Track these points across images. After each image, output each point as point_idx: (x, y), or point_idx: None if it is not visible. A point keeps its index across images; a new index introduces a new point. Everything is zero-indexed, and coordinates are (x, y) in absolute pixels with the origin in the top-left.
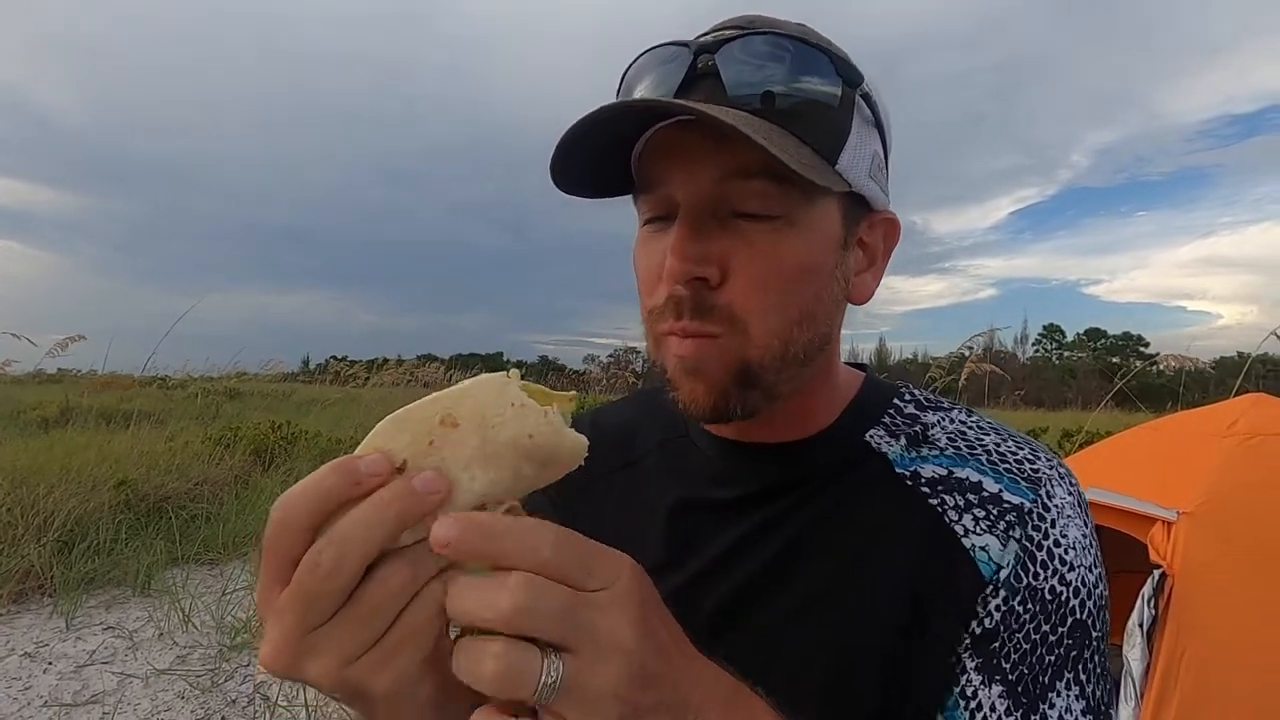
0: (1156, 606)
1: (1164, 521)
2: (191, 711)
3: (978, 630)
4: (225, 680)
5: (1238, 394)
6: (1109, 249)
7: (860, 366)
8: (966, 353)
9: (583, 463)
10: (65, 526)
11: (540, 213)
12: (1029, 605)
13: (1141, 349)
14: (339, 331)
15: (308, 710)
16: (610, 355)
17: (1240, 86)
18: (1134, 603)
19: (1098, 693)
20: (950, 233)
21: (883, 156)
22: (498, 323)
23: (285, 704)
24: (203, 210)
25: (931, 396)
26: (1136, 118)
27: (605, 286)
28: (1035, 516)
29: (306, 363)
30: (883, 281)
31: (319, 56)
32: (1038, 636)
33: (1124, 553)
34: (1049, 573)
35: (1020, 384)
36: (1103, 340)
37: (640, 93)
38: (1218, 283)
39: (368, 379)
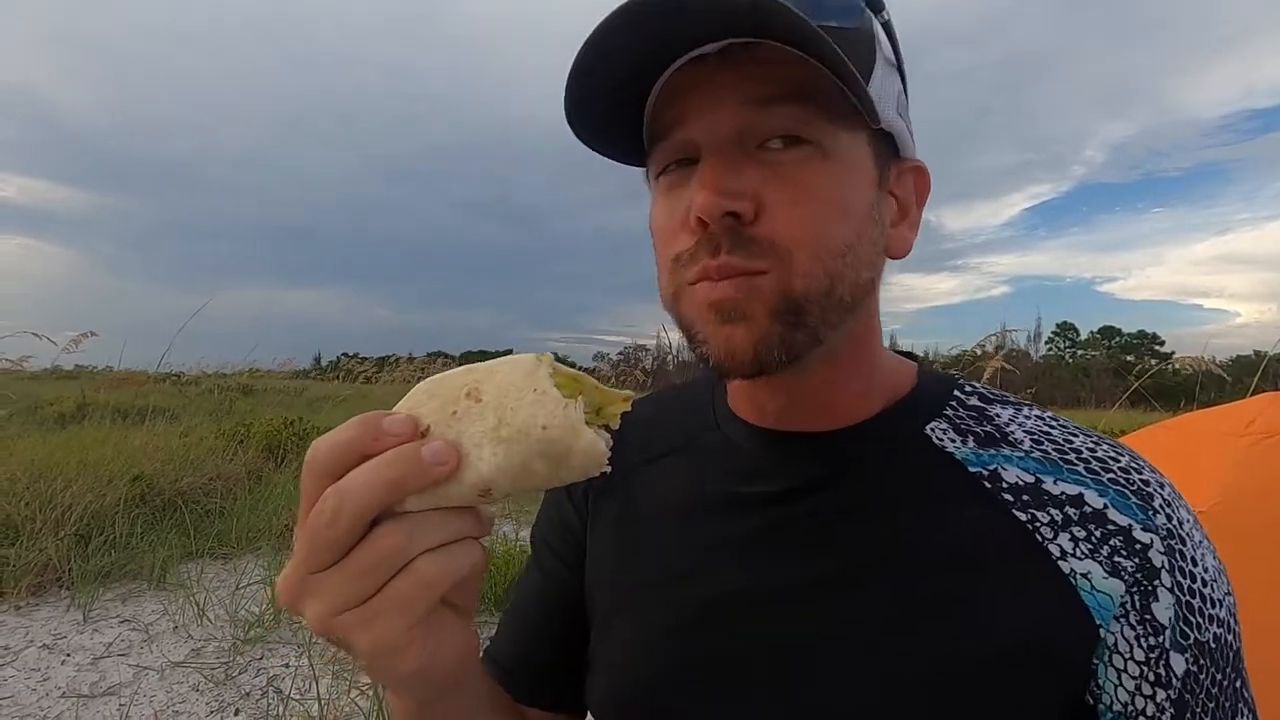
0: None
1: None
2: (206, 704)
3: (1169, 708)
4: (239, 673)
5: (1254, 393)
6: (1124, 246)
7: (910, 356)
8: (979, 352)
9: (606, 470)
10: (82, 520)
11: (550, 210)
12: (1202, 662)
13: (1157, 347)
14: (350, 328)
15: (320, 703)
16: (620, 353)
17: (1259, 80)
18: None
19: (1255, 706)
20: (963, 229)
21: (904, 98)
22: (508, 319)
23: (298, 697)
24: (215, 208)
25: (996, 390)
26: (1152, 112)
27: (615, 284)
28: (1178, 556)
29: (318, 360)
30: (896, 280)
31: (328, 57)
32: (1216, 690)
33: None
34: (1206, 619)
35: (1033, 382)
36: (1117, 339)
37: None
38: (1235, 280)
39: (378, 376)
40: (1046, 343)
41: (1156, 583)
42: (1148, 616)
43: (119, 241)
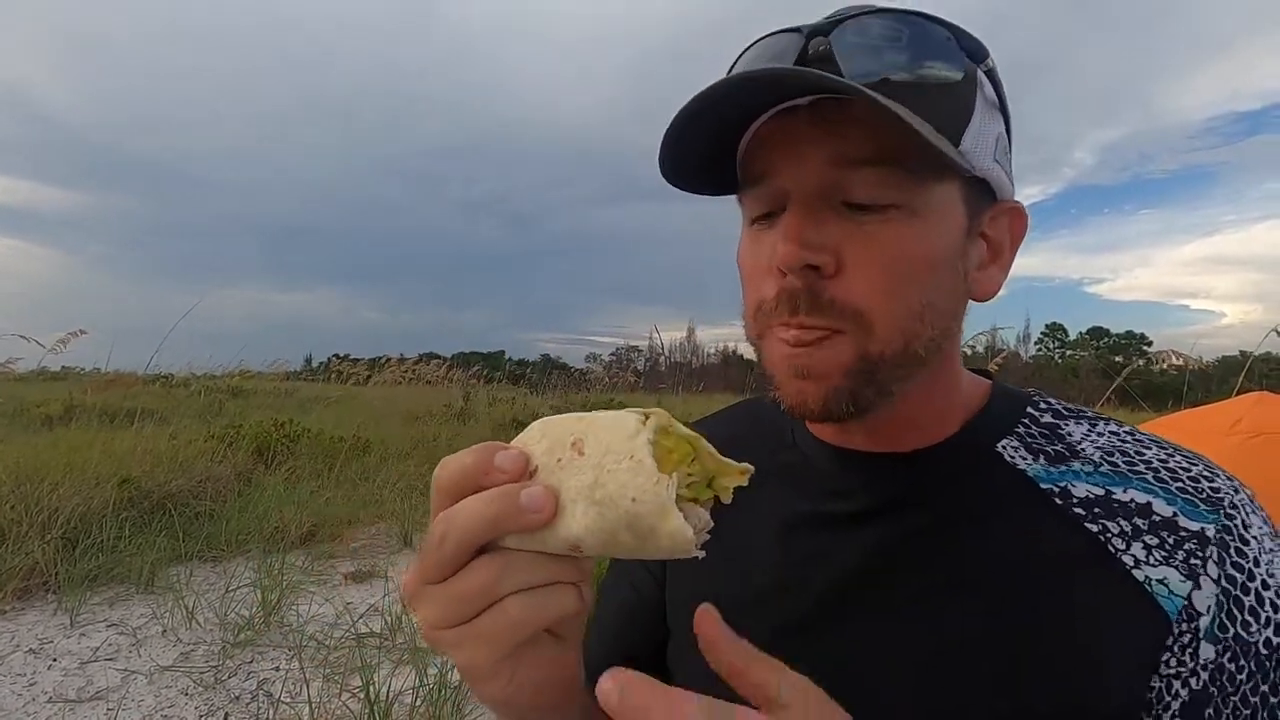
0: None
1: None
2: (195, 708)
3: (1184, 694)
4: (229, 677)
5: (1240, 392)
6: (1112, 247)
7: (985, 374)
8: (968, 353)
9: (697, 555)
10: (69, 524)
11: (542, 211)
12: (1242, 662)
13: (1144, 348)
14: (341, 329)
15: (310, 707)
16: (612, 353)
17: (1245, 83)
18: None
19: None
20: None
21: (1007, 140)
22: (500, 320)
23: (288, 700)
24: (205, 208)
25: (1072, 405)
26: (1140, 115)
27: (607, 285)
28: (1232, 550)
29: (309, 361)
30: None
31: (321, 55)
32: (1256, 699)
33: None
34: (1260, 621)
35: (1023, 383)
36: (1105, 339)
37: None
38: (1222, 281)
39: (370, 377)
40: (1036, 343)
41: (1203, 573)
42: (1191, 605)
43: (108, 242)
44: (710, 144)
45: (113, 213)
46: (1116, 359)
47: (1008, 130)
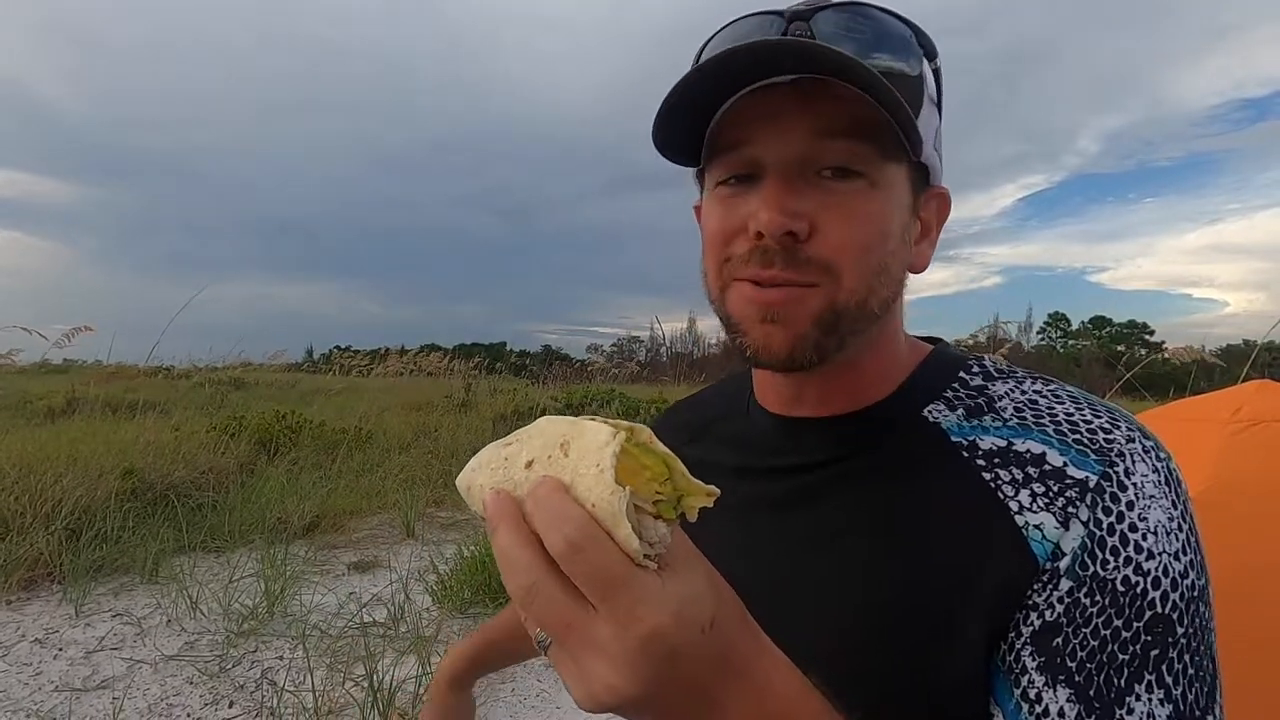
0: None
1: None
2: (200, 697)
3: (1037, 623)
4: (233, 666)
5: (1247, 380)
6: (1115, 236)
7: (934, 340)
8: (971, 343)
9: (649, 567)
10: (73, 515)
11: (542, 202)
12: (1097, 598)
13: (1147, 336)
14: (342, 321)
15: (314, 695)
16: (614, 344)
17: (1251, 70)
18: None
19: (1189, 696)
20: (955, 220)
21: (940, 134)
22: (501, 312)
23: (292, 689)
24: (204, 201)
25: (1007, 366)
26: (1145, 103)
27: (608, 276)
28: (1107, 496)
29: (310, 353)
30: None
31: (318, 46)
32: (1108, 633)
33: None
34: (1121, 560)
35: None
36: (1108, 328)
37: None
38: (1225, 270)
39: (371, 369)
40: (1038, 333)
41: (1075, 517)
42: (1059, 548)
43: (107, 234)
44: (697, 117)
45: (111, 205)
46: (1119, 348)
47: (940, 124)
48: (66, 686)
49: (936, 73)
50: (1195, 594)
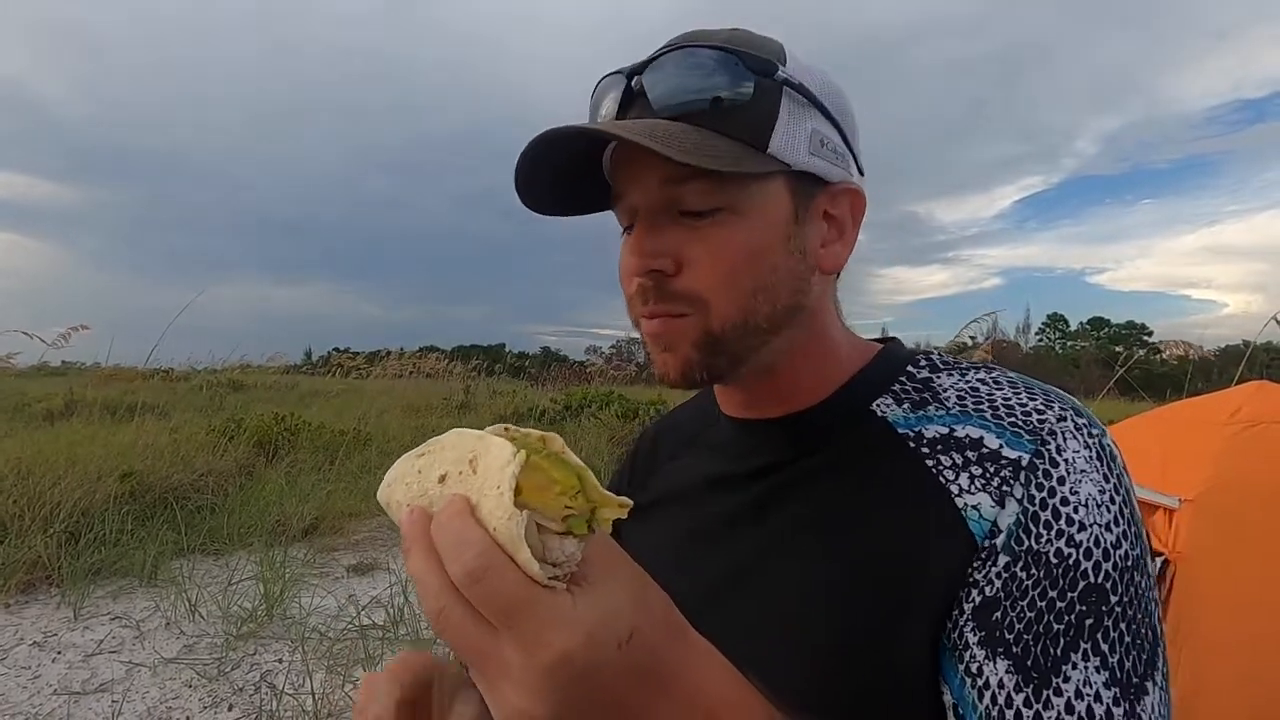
0: (1159, 593)
1: (1166, 509)
2: (199, 700)
3: (977, 599)
4: (232, 669)
5: (1240, 382)
6: (1113, 237)
7: (888, 341)
8: (968, 341)
9: (549, 587)
10: (71, 518)
11: None
12: (1032, 571)
13: (1145, 338)
14: (341, 323)
15: (314, 698)
16: (612, 346)
17: (1248, 72)
18: None
19: (1126, 663)
20: (954, 222)
21: (832, 131)
22: (499, 313)
23: (292, 692)
24: (202, 203)
25: (952, 359)
26: (1142, 104)
27: (607, 278)
28: (1039, 473)
29: (309, 355)
30: (887, 273)
31: (317, 48)
32: (1043, 604)
33: None
34: (1053, 534)
35: (1023, 373)
36: (1106, 329)
37: (601, 114)
38: (1223, 271)
39: (370, 370)
40: (1037, 334)
41: (1010, 495)
42: (996, 525)
43: (106, 236)
44: (573, 175)
45: (108, 207)
46: (1117, 349)
47: (834, 119)
48: (65, 690)
49: (789, 81)
50: (1129, 564)
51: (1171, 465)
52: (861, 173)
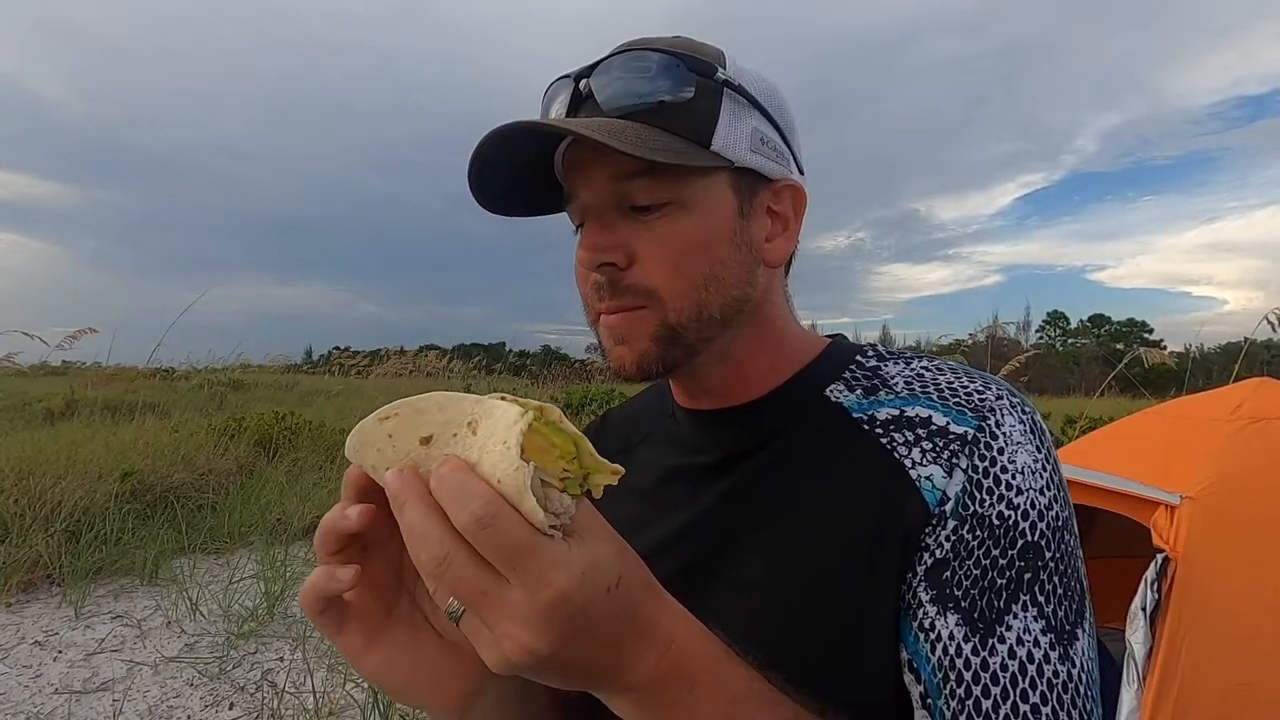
0: (1159, 590)
1: (1167, 506)
2: (200, 698)
3: (929, 561)
4: (233, 667)
5: (1239, 379)
6: (1114, 234)
7: (833, 337)
8: (969, 342)
9: (549, 535)
10: (72, 517)
11: None
12: (977, 532)
13: (1146, 335)
14: (341, 322)
15: (315, 696)
16: None
17: (1249, 68)
18: (1137, 586)
19: (1060, 612)
20: (954, 219)
21: (771, 131)
22: (500, 312)
23: (293, 690)
24: (202, 202)
25: (896, 350)
26: (1143, 101)
27: None
28: (982, 445)
29: (309, 354)
30: (886, 270)
31: (316, 47)
32: (988, 562)
33: (1127, 537)
34: (994, 498)
35: (1024, 371)
36: (1107, 327)
37: (551, 115)
38: (1224, 268)
39: (370, 369)
40: (1037, 331)
41: (957, 465)
42: (945, 493)
43: (106, 236)
44: (524, 177)
45: (109, 207)
46: (1118, 346)
47: (774, 119)
48: (66, 688)
49: (729, 83)
50: (1060, 524)
51: (1173, 462)
52: (801, 171)
